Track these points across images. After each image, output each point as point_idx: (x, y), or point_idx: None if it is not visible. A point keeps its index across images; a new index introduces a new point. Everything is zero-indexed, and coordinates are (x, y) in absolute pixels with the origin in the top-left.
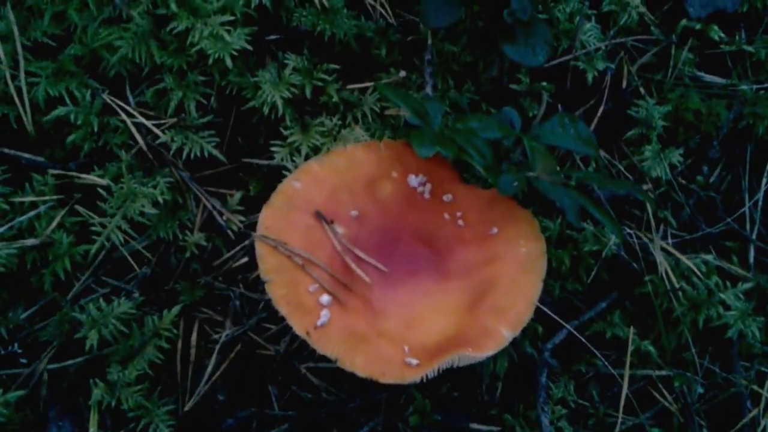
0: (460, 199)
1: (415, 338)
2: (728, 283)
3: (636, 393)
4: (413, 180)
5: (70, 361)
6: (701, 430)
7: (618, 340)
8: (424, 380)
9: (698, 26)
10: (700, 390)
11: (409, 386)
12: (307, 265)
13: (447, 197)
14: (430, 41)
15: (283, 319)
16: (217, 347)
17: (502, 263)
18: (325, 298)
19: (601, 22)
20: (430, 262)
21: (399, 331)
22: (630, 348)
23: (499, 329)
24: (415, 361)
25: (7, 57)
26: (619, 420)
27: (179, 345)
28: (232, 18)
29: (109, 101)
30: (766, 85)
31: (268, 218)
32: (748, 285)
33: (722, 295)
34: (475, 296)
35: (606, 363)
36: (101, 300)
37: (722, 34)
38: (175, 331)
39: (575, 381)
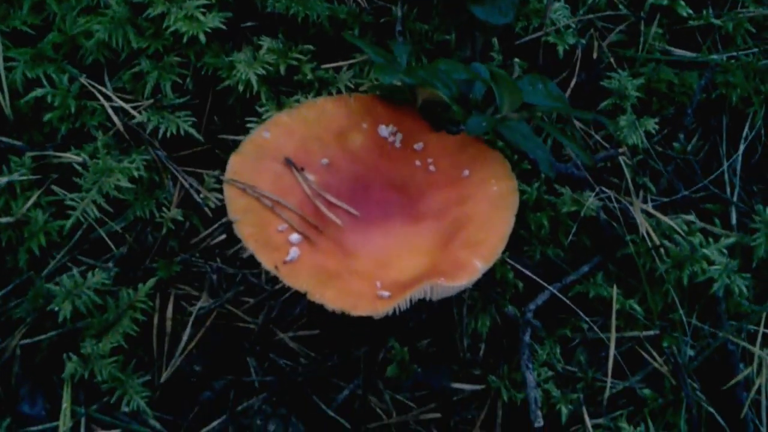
0: (431, 146)
1: (388, 276)
2: (711, 240)
3: (624, 355)
4: (384, 130)
5: (43, 336)
6: (694, 392)
7: (602, 301)
8: (398, 312)
9: (665, 2)
10: (691, 352)
11: (387, 339)
12: (277, 207)
13: (418, 146)
14: (400, 14)
15: (260, 291)
16: (192, 318)
17: (473, 202)
18: (294, 236)
19: (571, 3)
20: (402, 206)
21: (371, 270)
22: (615, 307)
23: (473, 261)
24: (387, 293)
25: None
26: (609, 384)
27: (155, 319)
28: (208, 2)
29: (87, 84)
30: (736, 53)
31: (236, 164)
32: (730, 240)
33: (705, 251)
34: (447, 236)
35: (591, 323)
36: (76, 273)
37: (690, 10)
38: (150, 303)
39: (561, 346)
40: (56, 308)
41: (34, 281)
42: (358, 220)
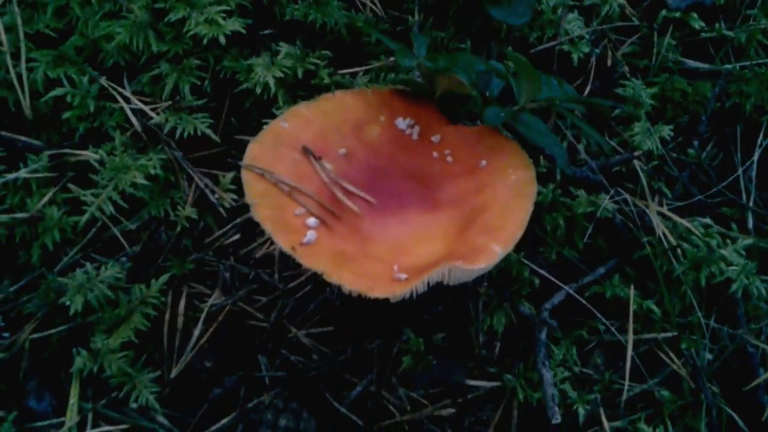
0: (448, 138)
1: (405, 260)
2: (728, 241)
3: (642, 357)
4: (401, 123)
5: (54, 330)
6: (714, 396)
7: (619, 302)
8: (415, 295)
9: (678, 14)
10: (710, 356)
11: (401, 332)
12: (294, 192)
13: (435, 138)
14: (417, 18)
15: (273, 289)
16: (204, 314)
17: (491, 190)
18: (311, 220)
19: (584, 15)
20: (419, 195)
21: (388, 255)
22: (632, 308)
23: (491, 245)
24: (404, 276)
25: (10, 45)
26: (626, 386)
27: (167, 315)
28: (228, 8)
29: (106, 86)
30: (748, 63)
31: (254, 151)
32: (748, 242)
33: (723, 252)
34: (465, 223)
35: (607, 323)
36: (89, 267)
37: (702, 23)
38: (162, 299)
39: (578, 348)
40: (67, 302)
41: (45, 276)
42: (375, 208)
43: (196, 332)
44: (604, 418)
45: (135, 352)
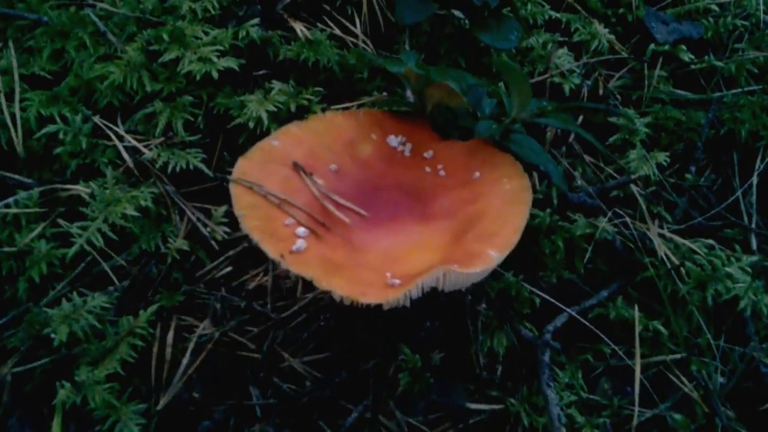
0: (441, 153)
1: (398, 268)
2: (732, 259)
3: (651, 381)
4: (393, 140)
5: (37, 363)
6: (730, 420)
7: (624, 324)
8: (409, 300)
9: (666, 47)
10: (722, 379)
11: (397, 350)
12: (284, 204)
13: (428, 154)
14: (406, 35)
15: (266, 319)
16: (192, 344)
17: (486, 200)
18: (301, 230)
19: (574, 51)
20: (412, 208)
21: (380, 264)
22: (638, 329)
23: (487, 251)
24: (397, 281)
25: (5, 87)
26: (636, 411)
27: (155, 348)
28: (222, 49)
29: (100, 124)
30: (740, 90)
31: (243, 166)
32: (753, 259)
33: (728, 269)
34: (459, 232)
35: (613, 346)
36: (76, 297)
37: (691, 56)
38: (150, 330)
39: (584, 375)
40: (52, 333)
41: (31, 310)
42: (367, 220)
43: (185, 362)
44: None
45: (121, 385)
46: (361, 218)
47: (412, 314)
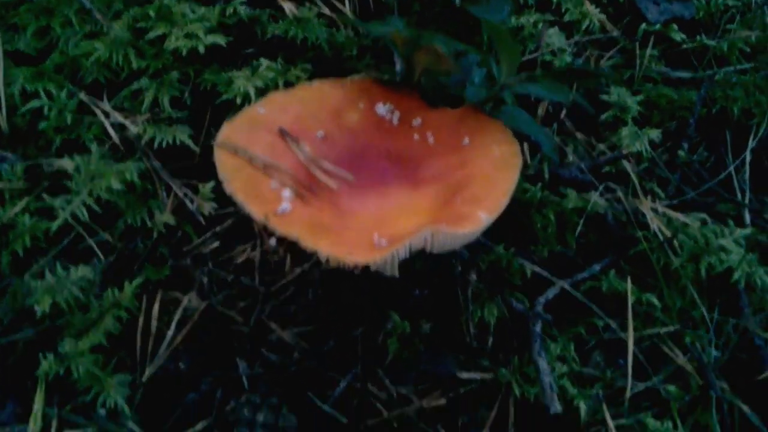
0: (430, 121)
1: (386, 231)
2: (726, 231)
3: (645, 353)
4: (381, 108)
5: (20, 335)
6: (724, 392)
7: (617, 296)
8: (397, 260)
9: (658, 27)
10: (716, 353)
11: (386, 316)
12: (269, 169)
13: (416, 121)
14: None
15: (253, 293)
16: (178, 315)
17: (475, 165)
18: (286, 193)
19: (565, 30)
20: (400, 175)
21: (368, 226)
22: (630, 300)
23: (476, 212)
24: (385, 242)
25: None
26: (629, 384)
27: (140, 321)
28: (209, 25)
29: (85, 100)
30: (732, 68)
31: (229, 131)
32: (746, 231)
33: (721, 242)
34: (448, 196)
35: (605, 318)
36: (59, 268)
37: (683, 35)
38: (136, 303)
39: (576, 346)
40: (35, 303)
41: (14, 283)
42: (354, 186)
43: (170, 333)
44: (607, 415)
45: (105, 357)
46: (348, 184)
47: (400, 282)
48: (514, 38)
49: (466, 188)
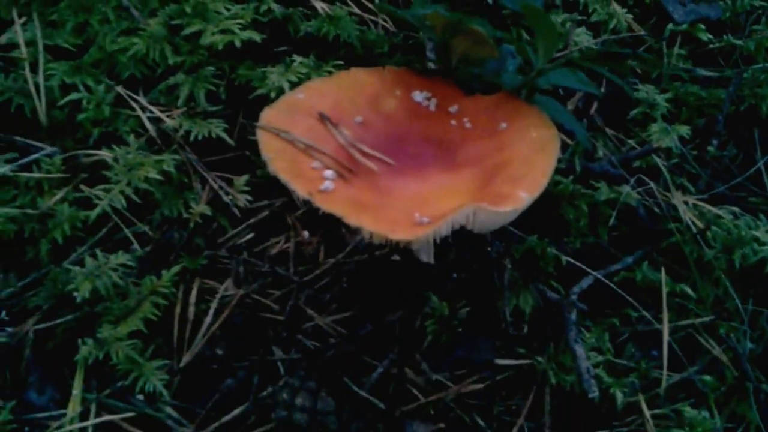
0: (466, 107)
1: (427, 210)
2: (759, 223)
3: (680, 344)
4: (418, 95)
5: (59, 320)
6: (761, 383)
7: (651, 287)
8: (438, 240)
9: (685, 26)
10: (750, 345)
11: (424, 301)
12: (310, 150)
13: (453, 108)
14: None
15: (288, 282)
16: (215, 303)
17: (513, 148)
18: (329, 172)
19: (592, 30)
20: (438, 158)
21: (408, 206)
22: (665, 290)
23: (517, 192)
24: (426, 219)
25: (30, 57)
26: (665, 374)
27: (177, 308)
28: (243, 22)
29: (123, 94)
30: (760, 66)
31: (270, 115)
32: None
33: (754, 233)
34: (487, 177)
35: (640, 309)
36: (99, 254)
37: (710, 35)
38: (173, 290)
39: (610, 336)
40: (74, 289)
41: (52, 271)
42: (394, 168)
43: (207, 320)
44: (644, 404)
45: (143, 343)
46: (388, 167)
47: (437, 267)
48: (551, 21)
49: (505, 170)
